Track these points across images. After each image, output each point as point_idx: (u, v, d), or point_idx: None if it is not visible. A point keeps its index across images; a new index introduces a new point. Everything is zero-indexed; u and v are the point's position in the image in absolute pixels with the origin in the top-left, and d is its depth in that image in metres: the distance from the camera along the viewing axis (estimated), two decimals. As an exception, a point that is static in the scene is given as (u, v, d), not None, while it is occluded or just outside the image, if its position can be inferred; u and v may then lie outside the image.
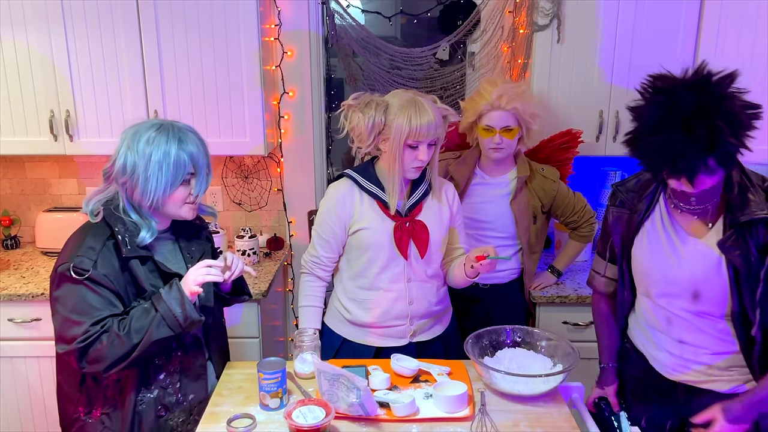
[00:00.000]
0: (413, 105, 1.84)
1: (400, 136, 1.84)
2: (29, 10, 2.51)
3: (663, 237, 1.64)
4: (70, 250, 1.59)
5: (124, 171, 1.58)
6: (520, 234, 2.39)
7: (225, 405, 1.69)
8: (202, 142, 1.65)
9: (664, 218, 1.64)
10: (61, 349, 1.56)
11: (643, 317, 1.76)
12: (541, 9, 2.55)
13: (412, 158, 1.87)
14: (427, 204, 2.00)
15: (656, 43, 2.56)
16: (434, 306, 2.06)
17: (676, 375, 1.69)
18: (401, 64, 2.88)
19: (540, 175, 2.39)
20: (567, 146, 2.54)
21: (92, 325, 1.52)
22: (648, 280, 1.68)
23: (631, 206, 1.70)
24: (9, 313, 2.52)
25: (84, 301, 1.53)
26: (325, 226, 1.99)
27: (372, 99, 1.89)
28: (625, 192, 1.73)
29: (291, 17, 2.85)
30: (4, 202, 3.08)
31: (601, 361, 1.89)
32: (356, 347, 2.04)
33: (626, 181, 1.76)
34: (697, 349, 1.64)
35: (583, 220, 2.43)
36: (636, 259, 1.71)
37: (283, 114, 2.95)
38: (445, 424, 1.61)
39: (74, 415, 1.68)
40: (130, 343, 1.53)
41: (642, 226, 1.68)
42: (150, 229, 1.62)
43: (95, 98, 2.61)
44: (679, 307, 1.64)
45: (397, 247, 1.94)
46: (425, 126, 1.82)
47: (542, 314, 2.55)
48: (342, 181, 2.01)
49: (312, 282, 2.07)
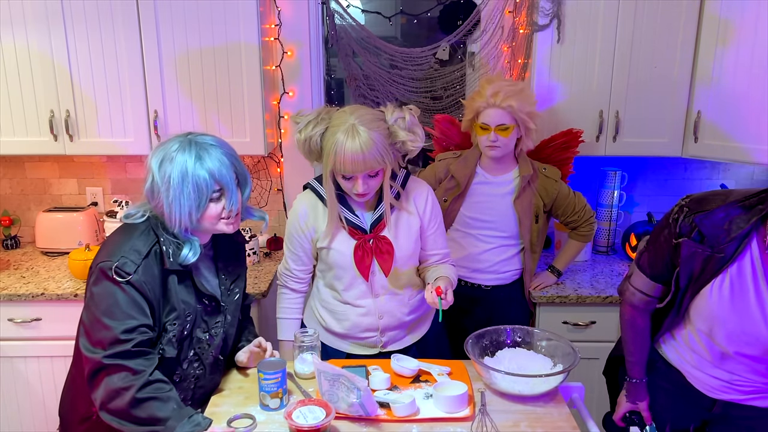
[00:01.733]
0: (341, 140, 1.69)
1: (327, 168, 1.76)
2: (29, 10, 2.51)
3: (751, 289, 1.47)
4: (115, 248, 1.54)
5: (151, 195, 1.55)
6: (522, 233, 2.38)
7: (225, 405, 1.69)
8: (228, 155, 1.58)
9: (756, 267, 1.46)
10: (84, 348, 1.52)
11: (687, 344, 1.67)
12: (541, 9, 2.55)
13: (349, 187, 1.78)
14: (393, 217, 1.91)
15: (656, 43, 2.56)
16: (406, 317, 2.01)
17: (719, 395, 1.65)
18: (401, 64, 2.88)
19: (542, 175, 2.38)
20: (567, 146, 2.54)
21: (122, 333, 1.48)
22: (718, 326, 1.54)
23: (715, 245, 1.48)
24: (9, 313, 2.52)
25: (117, 305, 1.49)
26: (293, 240, 1.95)
27: (317, 115, 1.78)
28: (710, 227, 1.48)
29: (291, 17, 2.85)
30: (4, 202, 3.08)
31: (633, 376, 1.77)
32: (329, 350, 2.05)
33: (709, 211, 1.49)
34: (749, 379, 1.60)
35: (583, 220, 2.43)
36: (708, 301, 1.54)
37: (283, 114, 2.95)
38: (446, 424, 1.60)
39: (86, 413, 1.63)
40: (130, 408, 1.47)
41: (726, 269, 1.49)
42: (192, 247, 1.57)
43: (95, 98, 2.61)
44: (744, 353, 1.55)
45: (358, 267, 1.89)
46: (349, 163, 1.69)
47: (542, 314, 2.55)
48: (306, 195, 1.94)
49: (287, 295, 2.06)
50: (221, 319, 1.71)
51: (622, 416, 1.83)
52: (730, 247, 1.46)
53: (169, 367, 1.60)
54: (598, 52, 2.58)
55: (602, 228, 2.95)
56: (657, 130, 2.66)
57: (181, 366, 1.64)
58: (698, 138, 2.59)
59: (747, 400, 1.62)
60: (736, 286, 1.49)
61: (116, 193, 3.05)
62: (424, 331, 2.10)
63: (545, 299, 2.49)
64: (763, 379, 1.60)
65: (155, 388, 1.50)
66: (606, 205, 2.92)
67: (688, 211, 1.53)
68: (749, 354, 1.55)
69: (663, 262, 1.62)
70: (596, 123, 2.65)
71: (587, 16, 2.55)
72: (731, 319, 1.50)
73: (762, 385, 1.60)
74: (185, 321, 1.60)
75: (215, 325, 1.70)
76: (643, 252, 1.69)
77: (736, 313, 1.49)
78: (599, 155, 2.69)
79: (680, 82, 2.59)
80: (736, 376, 1.61)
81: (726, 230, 1.46)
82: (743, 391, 1.62)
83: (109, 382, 1.48)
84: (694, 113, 2.59)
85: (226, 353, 1.78)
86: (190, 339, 1.64)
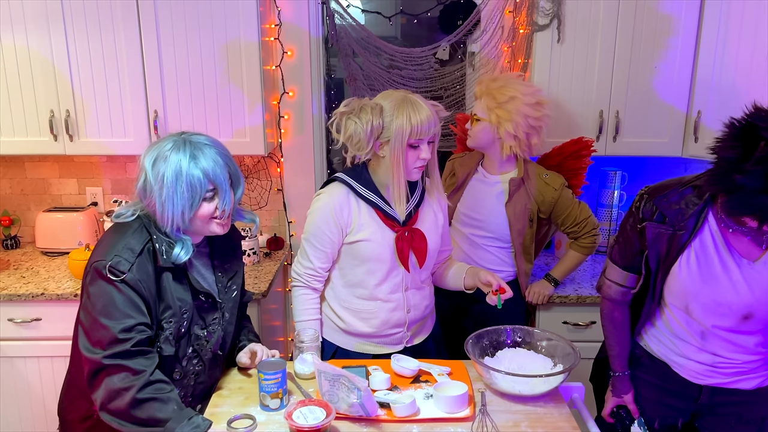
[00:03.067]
0: (409, 103, 1.79)
1: (402, 137, 1.78)
2: (29, 11, 2.51)
3: (715, 258, 1.57)
4: (109, 247, 1.54)
5: (144, 194, 1.55)
6: (513, 237, 2.37)
7: (225, 406, 1.69)
8: (222, 155, 1.58)
9: (716, 239, 1.57)
10: (83, 348, 1.51)
11: (668, 328, 1.72)
12: (541, 9, 2.55)
13: (415, 158, 1.83)
14: (424, 211, 1.97)
15: (656, 43, 2.56)
16: (426, 310, 2.06)
17: (704, 380, 1.69)
18: (401, 64, 2.88)
19: (542, 181, 2.35)
20: (579, 155, 2.50)
21: (121, 332, 1.48)
22: (692, 300, 1.62)
23: (675, 223, 1.59)
24: (9, 313, 2.52)
25: (113, 305, 1.49)
26: (322, 236, 1.90)
27: (365, 103, 1.82)
28: (668, 207, 1.60)
29: (291, 17, 2.85)
30: (4, 202, 3.08)
31: (616, 370, 1.82)
32: (352, 355, 2.01)
33: (666, 193, 1.63)
34: (731, 360, 1.64)
35: (584, 231, 2.38)
36: (678, 278, 1.62)
37: (283, 114, 2.95)
38: (446, 425, 1.60)
39: (87, 413, 1.63)
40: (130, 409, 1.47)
41: (689, 245, 1.59)
42: (184, 246, 1.57)
43: (95, 98, 2.61)
44: (722, 326, 1.60)
45: (399, 258, 1.91)
46: (426, 122, 1.78)
47: (542, 314, 2.55)
48: (335, 186, 1.92)
49: (309, 295, 1.99)
50: (218, 316, 1.71)
51: (609, 412, 1.86)
52: (690, 223, 1.58)
53: (168, 365, 1.60)
54: (598, 52, 2.58)
55: (602, 228, 2.94)
56: (657, 130, 2.66)
57: (181, 363, 1.64)
58: (698, 138, 2.59)
59: (731, 383, 1.66)
60: (701, 258, 1.58)
61: (116, 193, 3.05)
62: (433, 323, 2.14)
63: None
64: (744, 356, 1.63)
65: (156, 388, 1.50)
66: (606, 205, 2.92)
67: (648, 197, 1.65)
68: (725, 326, 1.60)
69: (633, 250, 1.70)
70: (596, 123, 2.65)
71: (587, 16, 2.55)
72: (703, 291, 1.58)
73: (744, 366, 1.63)
74: (182, 318, 1.60)
75: (213, 322, 1.70)
76: (613, 245, 1.77)
77: (706, 283, 1.57)
78: (599, 155, 2.69)
79: (680, 82, 2.59)
80: (718, 358, 1.64)
81: (683, 209, 1.59)
82: (727, 374, 1.65)
83: (110, 383, 1.48)
84: (694, 113, 2.59)
85: (225, 349, 1.78)
86: (188, 336, 1.64)
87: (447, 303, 2.31)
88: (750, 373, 1.65)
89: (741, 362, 1.64)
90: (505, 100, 2.21)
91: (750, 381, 1.65)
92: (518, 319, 2.46)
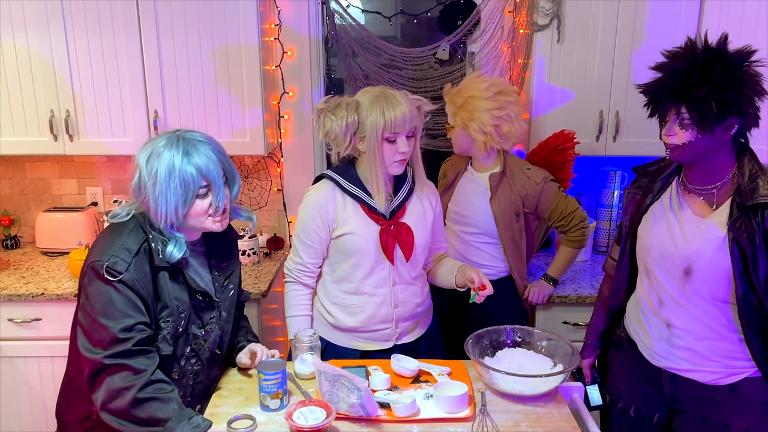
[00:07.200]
0: (384, 98, 1.82)
1: (376, 131, 1.82)
2: (29, 11, 2.51)
3: (668, 215, 1.70)
4: (105, 247, 1.53)
5: (138, 191, 1.55)
6: (500, 232, 2.37)
7: (225, 406, 1.69)
8: (216, 151, 1.58)
9: (673, 198, 1.71)
10: (84, 348, 1.51)
11: (639, 301, 1.80)
12: (541, 9, 2.55)
13: (393, 152, 1.85)
14: (411, 206, 1.99)
15: (656, 43, 2.55)
16: (418, 308, 2.05)
17: (661, 361, 1.73)
18: (401, 64, 2.88)
19: (524, 175, 2.35)
20: (563, 148, 2.51)
21: (121, 331, 1.48)
22: (647, 256, 1.74)
23: (644, 186, 1.79)
24: (9, 313, 2.52)
25: (112, 305, 1.49)
26: (309, 231, 1.95)
27: (341, 100, 1.86)
28: (644, 174, 1.82)
29: (291, 17, 2.85)
30: (4, 202, 3.08)
31: (586, 337, 2.02)
32: (341, 350, 2.03)
33: (648, 165, 1.83)
34: (683, 333, 1.68)
35: (572, 225, 2.38)
36: (640, 237, 1.77)
37: (283, 114, 2.95)
38: (446, 425, 1.61)
39: (86, 413, 1.62)
40: (131, 409, 1.47)
41: (651, 205, 1.76)
42: (178, 244, 1.57)
43: (95, 98, 2.61)
44: (671, 286, 1.68)
45: (384, 251, 1.92)
46: (400, 117, 1.80)
47: (542, 314, 2.55)
48: (322, 183, 1.97)
49: (299, 291, 2.04)
50: (216, 315, 1.71)
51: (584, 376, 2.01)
52: (656, 187, 1.77)
53: (167, 364, 1.60)
54: (598, 52, 2.58)
55: (602, 228, 2.95)
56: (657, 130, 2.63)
57: (179, 363, 1.64)
58: (698, 138, 2.59)
59: (687, 371, 1.69)
60: (658, 216, 1.74)
61: (116, 193, 3.05)
62: (428, 325, 2.13)
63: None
64: (691, 335, 1.67)
65: (156, 388, 1.50)
66: (606, 205, 2.92)
67: (636, 172, 1.87)
68: (674, 285, 1.68)
69: (622, 225, 1.88)
70: (596, 123, 2.65)
71: (587, 16, 2.55)
72: (654, 245, 1.72)
73: (697, 345, 1.67)
74: (179, 318, 1.60)
75: (210, 321, 1.70)
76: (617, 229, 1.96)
77: (657, 238, 1.71)
78: (599, 155, 2.69)
79: (680, 82, 2.59)
80: (673, 331, 1.69)
81: (655, 174, 1.79)
82: (682, 358, 1.69)
83: (111, 382, 1.48)
84: (694, 113, 2.58)
85: (223, 349, 1.78)
86: (186, 335, 1.64)
87: (444, 302, 2.32)
88: (704, 363, 1.67)
89: (693, 338, 1.66)
90: (462, 102, 2.27)
91: (705, 374, 1.67)
92: (517, 318, 2.45)
